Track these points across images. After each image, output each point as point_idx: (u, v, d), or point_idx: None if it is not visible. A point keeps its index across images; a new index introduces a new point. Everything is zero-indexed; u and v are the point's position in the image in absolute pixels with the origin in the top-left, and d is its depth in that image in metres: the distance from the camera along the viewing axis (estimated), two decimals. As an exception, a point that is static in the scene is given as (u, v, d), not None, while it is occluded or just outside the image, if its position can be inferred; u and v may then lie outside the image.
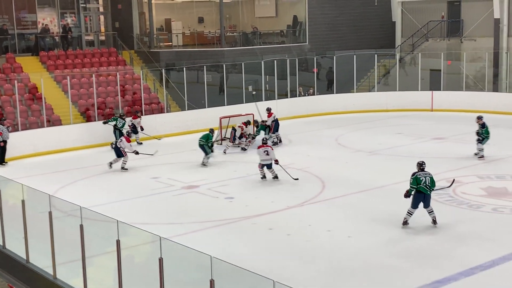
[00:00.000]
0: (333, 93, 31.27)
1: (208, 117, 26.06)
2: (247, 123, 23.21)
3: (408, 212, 13.72)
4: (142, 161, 21.36)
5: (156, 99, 27.86)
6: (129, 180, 19.02)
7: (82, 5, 31.42)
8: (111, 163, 20.16)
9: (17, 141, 22.24)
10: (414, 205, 13.67)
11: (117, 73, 26.62)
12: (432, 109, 29.91)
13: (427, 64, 32.25)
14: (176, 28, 33.52)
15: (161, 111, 27.13)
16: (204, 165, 20.23)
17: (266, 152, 17.76)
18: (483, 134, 19.80)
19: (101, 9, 33.19)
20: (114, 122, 23.38)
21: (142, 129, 24.01)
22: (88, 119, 25.42)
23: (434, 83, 31.51)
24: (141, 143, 24.13)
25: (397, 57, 32.13)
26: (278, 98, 29.36)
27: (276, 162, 17.77)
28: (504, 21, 31.62)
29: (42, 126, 24.01)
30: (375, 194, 16.62)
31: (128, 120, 23.93)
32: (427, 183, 13.52)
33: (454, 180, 15.49)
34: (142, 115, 24.97)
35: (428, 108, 29.97)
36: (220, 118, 24.36)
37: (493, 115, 28.07)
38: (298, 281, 10.74)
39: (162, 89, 27.79)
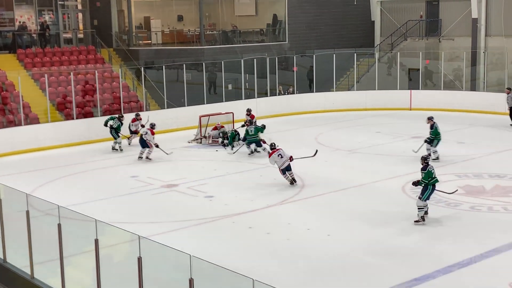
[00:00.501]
0: (313, 91, 31.34)
1: (188, 116, 26.00)
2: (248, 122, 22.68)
3: (420, 208, 13.86)
4: (122, 159, 21.26)
5: (135, 97, 27.72)
6: (108, 178, 18.91)
7: (60, 2, 31.18)
8: (140, 156, 20.74)
9: (-6, 139, 22.04)
10: (427, 198, 13.89)
11: (96, 71, 26.43)
12: (410, 108, 30.11)
13: (406, 63, 32.47)
14: (155, 26, 33.38)
15: (140, 109, 26.98)
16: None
17: (280, 156, 17.13)
18: (431, 136, 19.61)
19: (79, 7, 32.94)
20: (112, 122, 22.61)
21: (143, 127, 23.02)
22: (66, 117, 25.22)
23: (412, 82, 31.74)
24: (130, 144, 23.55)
25: (376, 56, 32.30)
26: (258, 97, 29.36)
27: (291, 159, 17.16)
28: (482, 20, 31.93)
29: (20, 125, 23.75)
30: (354, 192, 16.68)
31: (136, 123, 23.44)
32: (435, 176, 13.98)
33: (457, 190, 15.61)
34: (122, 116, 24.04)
35: (407, 107, 30.16)
36: (200, 117, 24.31)
37: (471, 114, 28.40)
38: (277, 279, 10.74)
39: (141, 87, 27.66)
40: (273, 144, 17.71)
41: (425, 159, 14.05)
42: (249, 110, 23.81)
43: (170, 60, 29.18)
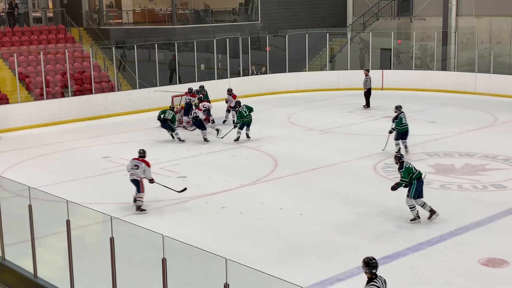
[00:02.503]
0: (285, 72, 31.35)
1: (160, 96, 25.84)
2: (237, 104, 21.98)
3: (411, 207, 12.82)
4: (93, 140, 21.08)
5: (107, 77, 27.45)
6: (80, 159, 18.76)
7: (29, -20, 30.66)
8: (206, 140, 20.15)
9: (-38, 120, 21.71)
10: (415, 195, 12.80)
11: (66, 51, 26.08)
12: (382, 88, 30.27)
13: (378, 43, 32.59)
14: (126, 5, 33.04)
15: (111, 89, 26.74)
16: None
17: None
18: (395, 127, 17.71)
19: (49, -15, 32.43)
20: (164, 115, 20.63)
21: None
22: (36, 97, 24.89)
23: (384, 62, 31.89)
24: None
25: (349, 36, 32.33)
26: (230, 77, 29.27)
27: (152, 181, 14.34)
28: (453, 1, 32.11)
29: (-12, 105, 23.44)
30: (326, 172, 16.79)
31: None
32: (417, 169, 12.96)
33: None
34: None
35: (379, 87, 30.31)
36: (172, 97, 24.17)
37: (442, 93, 28.68)
38: (250, 259, 10.79)
39: (112, 67, 27.40)
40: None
41: (399, 159, 12.98)
42: (230, 90, 23.47)
43: (142, 40, 28.92)
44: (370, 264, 7.76)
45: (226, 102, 23.36)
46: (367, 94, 25.75)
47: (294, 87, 30.30)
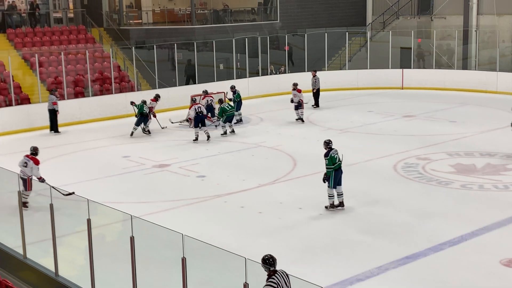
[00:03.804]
0: (304, 71, 31.26)
1: (179, 96, 25.91)
2: (219, 101, 22.85)
3: (330, 196, 13.49)
4: (114, 139, 21.21)
5: (126, 77, 27.60)
6: (100, 158, 18.88)
7: (50, -19, 30.89)
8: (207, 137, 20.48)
9: (-16, 120, 21.97)
10: (334, 185, 13.44)
11: (86, 51, 26.26)
12: (402, 87, 30.11)
13: (398, 42, 32.42)
14: (146, 5, 33.19)
15: (131, 89, 26.88)
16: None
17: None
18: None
19: (69, -14, 32.67)
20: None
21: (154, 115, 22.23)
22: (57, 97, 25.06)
23: (404, 61, 31.71)
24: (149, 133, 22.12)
25: (368, 35, 32.19)
26: (249, 76, 29.28)
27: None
28: (474, -1, 31.88)
29: (10, 105, 23.64)
30: (346, 171, 16.63)
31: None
32: (341, 160, 13.56)
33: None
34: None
35: (399, 86, 30.17)
36: (191, 96, 24.20)
37: (462, 92, 28.46)
38: (269, 258, 10.76)
39: (132, 67, 27.53)
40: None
41: (327, 144, 13.39)
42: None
43: (161, 40, 29.03)
44: (266, 262, 7.84)
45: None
46: (316, 94, 25.77)
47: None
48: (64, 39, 28.55)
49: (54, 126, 22.53)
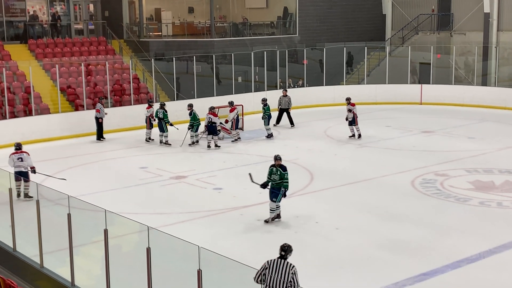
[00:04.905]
0: (323, 85, 31.29)
1: (198, 108, 25.96)
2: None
3: (276, 209, 13.82)
4: (132, 150, 21.31)
5: (145, 89, 27.76)
6: (118, 169, 18.97)
7: (71, -7, 31.24)
8: (208, 145, 21.23)
9: (5, 129, 22.16)
10: (277, 199, 13.85)
11: (106, 62, 26.49)
12: (421, 103, 30.00)
13: (417, 57, 32.35)
14: (166, 18, 33.38)
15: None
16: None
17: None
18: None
19: (91, -2, 33.02)
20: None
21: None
22: (77, 108, 25.30)
23: (423, 77, 31.62)
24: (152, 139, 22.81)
25: (387, 50, 32.15)
26: (267, 90, 29.33)
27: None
28: (494, 15, 31.74)
29: (30, 115, 23.88)
30: (363, 186, 16.66)
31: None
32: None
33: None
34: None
35: (417, 102, 30.06)
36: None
37: (482, 109, 28.28)
38: (285, 272, 10.72)
39: (151, 79, 27.70)
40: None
41: (275, 159, 13.96)
42: (231, 103, 23.15)
43: (180, 52, 29.19)
44: (280, 247, 8.35)
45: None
46: (288, 113, 25.35)
47: (331, 100, 30.19)
48: (84, 50, 28.82)
49: (97, 134, 22.86)
